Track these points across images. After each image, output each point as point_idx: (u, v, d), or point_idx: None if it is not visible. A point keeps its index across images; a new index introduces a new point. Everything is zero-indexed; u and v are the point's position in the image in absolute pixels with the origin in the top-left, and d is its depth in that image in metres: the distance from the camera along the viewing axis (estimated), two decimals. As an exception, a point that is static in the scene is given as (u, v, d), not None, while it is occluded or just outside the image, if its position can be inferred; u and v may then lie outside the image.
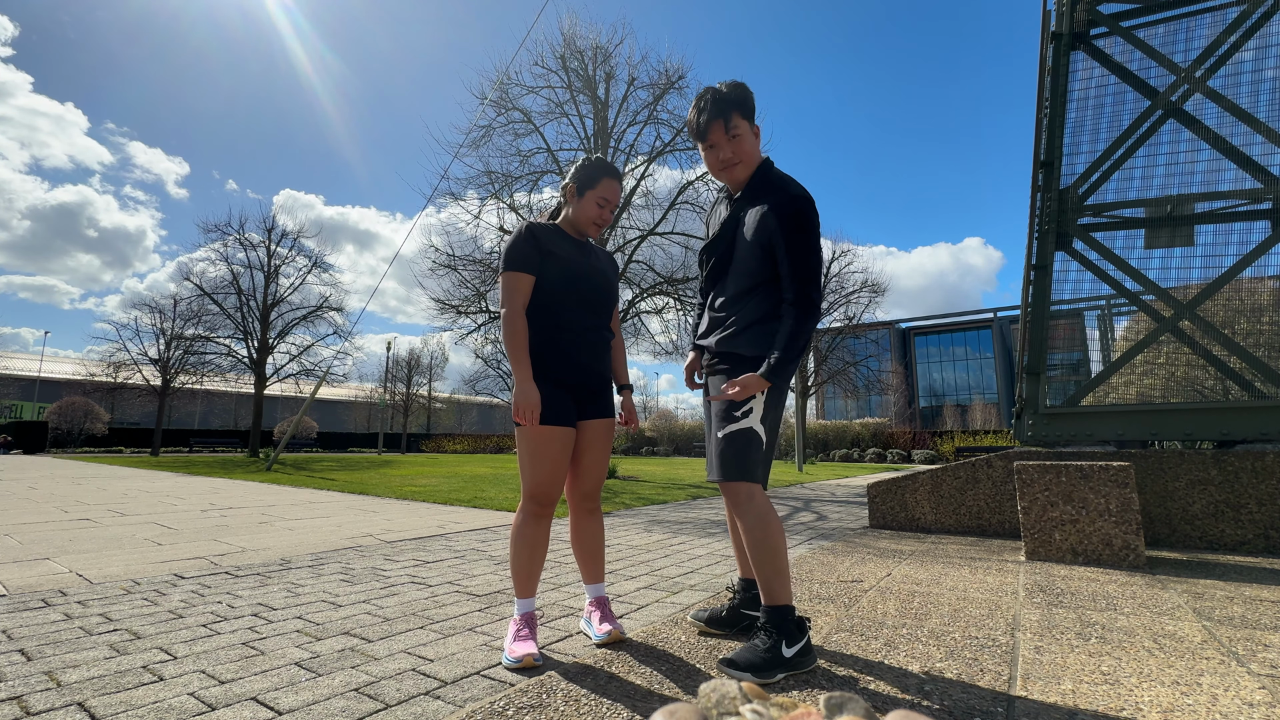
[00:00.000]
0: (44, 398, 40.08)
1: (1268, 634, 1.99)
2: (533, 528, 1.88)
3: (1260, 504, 3.55)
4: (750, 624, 1.99)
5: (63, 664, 1.75)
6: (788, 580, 1.72)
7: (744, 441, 1.77)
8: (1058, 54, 4.64)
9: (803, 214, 1.77)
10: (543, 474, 1.87)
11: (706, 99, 1.85)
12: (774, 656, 1.63)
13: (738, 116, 1.83)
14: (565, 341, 1.93)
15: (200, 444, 31.35)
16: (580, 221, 2.01)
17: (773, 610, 1.69)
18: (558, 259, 1.93)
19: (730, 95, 1.84)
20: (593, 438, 2.00)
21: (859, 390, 27.41)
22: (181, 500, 6.48)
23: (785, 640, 1.64)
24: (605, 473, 2.07)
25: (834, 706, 0.31)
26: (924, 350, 52.32)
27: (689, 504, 6.80)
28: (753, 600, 2.00)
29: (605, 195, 1.99)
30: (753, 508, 1.76)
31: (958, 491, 4.32)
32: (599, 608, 2.00)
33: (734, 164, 1.88)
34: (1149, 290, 4.34)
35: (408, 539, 4.07)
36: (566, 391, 1.93)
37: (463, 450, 37.38)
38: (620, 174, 2.09)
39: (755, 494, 1.78)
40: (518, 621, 1.86)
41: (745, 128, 1.85)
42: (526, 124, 12.14)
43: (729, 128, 1.83)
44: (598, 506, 2.07)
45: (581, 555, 2.07)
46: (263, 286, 23.59)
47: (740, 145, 1.85)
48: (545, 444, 1.86)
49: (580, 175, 2.00)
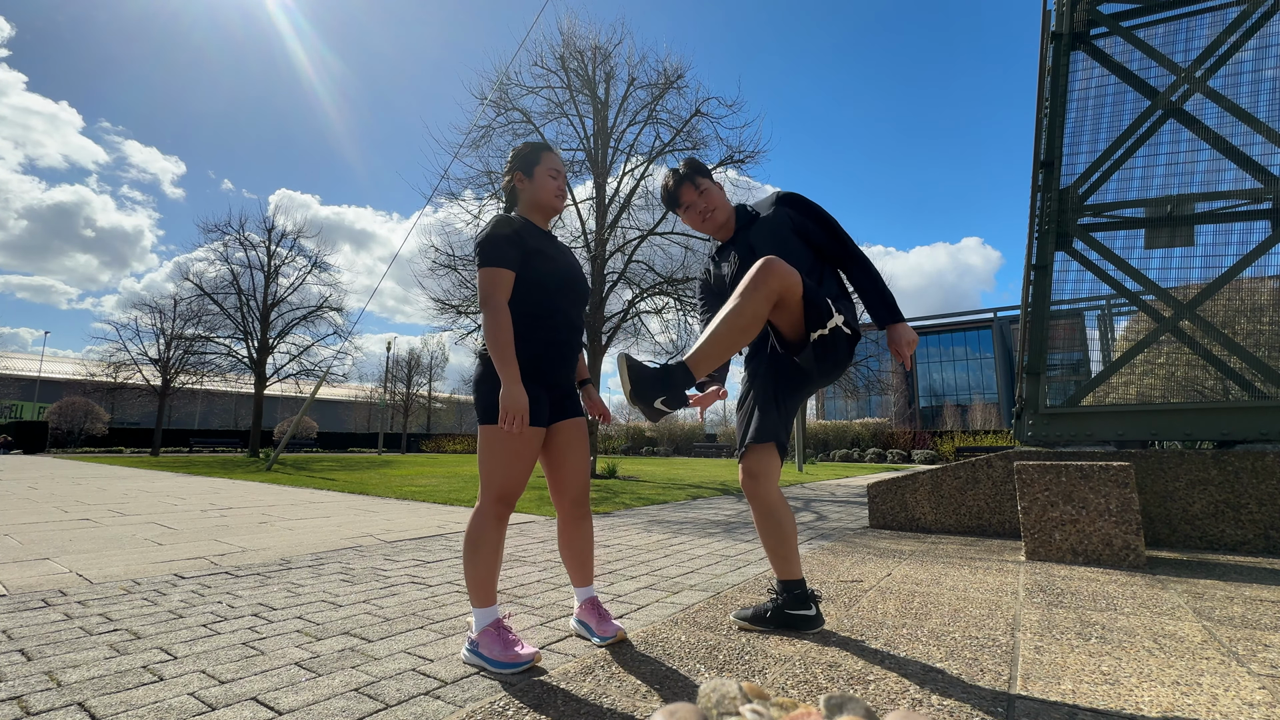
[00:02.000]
0: (44, 398, 40.08)
1: (1268, 634, 1.99)
2: (497, 531, 1.80)
3: (1260, 504, 3.55)
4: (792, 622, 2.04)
5: (63, 664, 1.75)
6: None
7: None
8: (1058, 54, 4.64)
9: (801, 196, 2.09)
10: (516, 475, 1.80)
11: (670, 175, 2.21)
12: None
13: (700, 177, 2.17)
14: (556, 341, 1.89)
15: (200, 444, 31.35)
16: (543, 200, 1.97)
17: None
18: (543, 256, 1.89)
19: (688, 165, 2.19)
20: (570, 439, 1.95)
21: (859, 390, 27.37)
22: (181, 500, 6.48)
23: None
24: (589, 472, 2.01)
25: (834, 706, 0.31)
26: (924, 350, 52.26)
27: (689, 504, 6.80)
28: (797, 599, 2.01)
29: (554, 167, 1.99)
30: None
31: (958, 491, 4.32)
32: (595, 609, 1.97)
33: (712, 210, 2.17)
34: (1149, 290, 4.34)
35: (408, 539, 4.07)
36: (545, 392, 1.89)
37: (463, 450, 37.37)
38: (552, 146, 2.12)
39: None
40: (493, 631, 1.74)
41: (709, 184, 2.17)
42: (526, 124, 12.14)
43: (696, 186, 2.16)
44: (589, 510, 2.02)
45: (573, 560, 2.01)
46: (263, 286, 23.61)
47: (710, 196, 2.17)
48: (523, 444, 1.80)
49: (520, 162, 1.99)
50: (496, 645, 1.72)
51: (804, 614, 1.98)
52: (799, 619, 1.98)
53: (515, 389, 1.72)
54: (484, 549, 1.78)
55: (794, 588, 2.00)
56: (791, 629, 1.99)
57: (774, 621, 2.00)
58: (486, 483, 1.81)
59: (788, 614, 1.98)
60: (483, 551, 1.78)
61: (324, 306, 24.30)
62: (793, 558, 2.01)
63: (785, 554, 2.00)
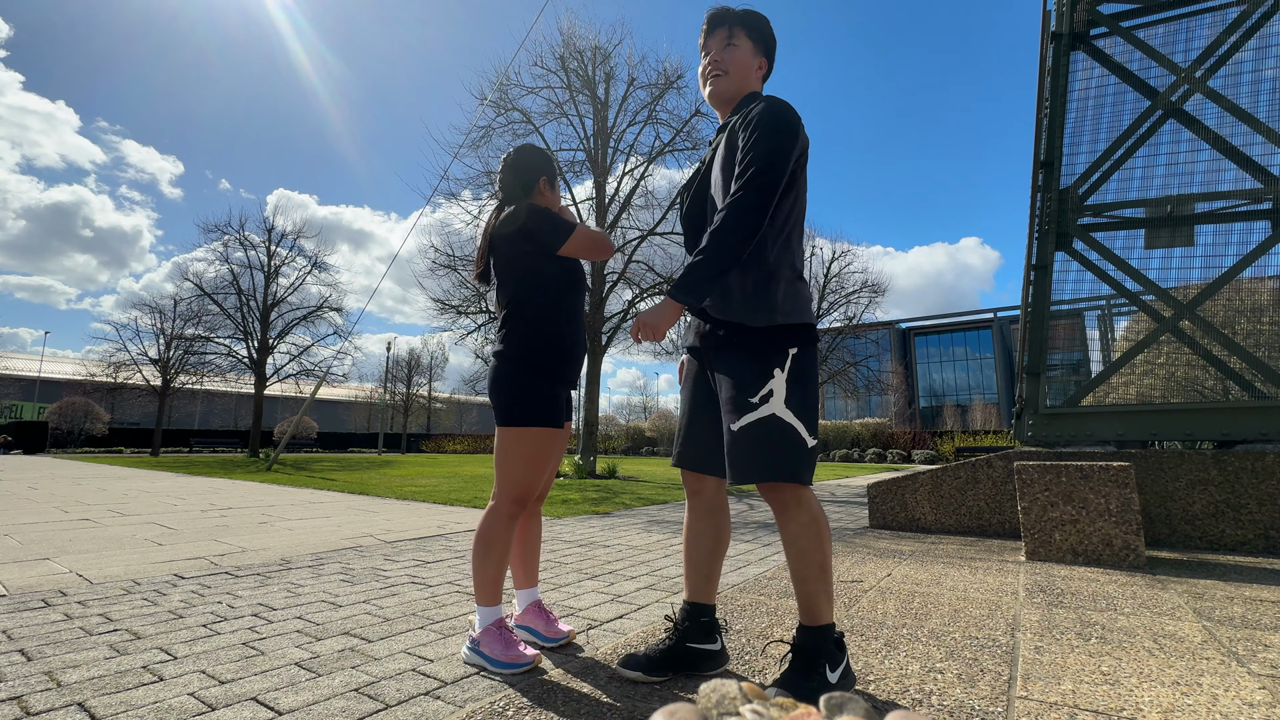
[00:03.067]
0: (44, 398, 40.08)
1: (1268, 634, 1.99)
2: (510, 531, 1.80)
3: (1260, 504, 3.55)
4: (694, 659, 1.64)
5: (63, 664, 1.75)
6: (832, 597, 1.51)
7: (765, 433, 1.48)
8: (1058, 54, 4.64)
9: (773, 109, 1.52)
10: (537, 476, 1.81)
11: (715, 10, 1.74)
12: (820, 685, 1.43)
13: (740, 30, 1.70)
14: (578, 341, 1.91)
15: (200, 444, 31.35)
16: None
17: (814, 631, 1.48)
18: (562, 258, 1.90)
19: (739, 11, 1.72)
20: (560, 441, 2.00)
21: (859, 390, 27.44)
22: (181, 500, 6.48)
23: (830, 663, 1.46)
24: (554, 476, 2.04)
25: (834, 707, 0.31)
26: (924, 350, 52.32)
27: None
28: (698, 629, 1.65)
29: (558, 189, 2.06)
30: (801, 512, 1.50)
31: (958, 492, 4.32)
32: (541, 612, 1.93)
33: (720, 74, 1.69)
34: (1149, 290, 4.34)
35: (408, 539, 4.07)
36: (566, 390, 1.91)
37: (463, 450, 37.37)
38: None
39: (804, 498, 1.50)
40: (495, 630, 1.73)
41: (746, 43, 1.70)
42: (526, 124, 12.15)
43: (730, 36, 1.70)
44: (540, 508, 2.05)
45: (523, 557, 1.99)
46: (263, 286, 23.62)
47: (733, 55, 1.69)
48: (549, 445, 1.81)
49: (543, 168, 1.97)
50: (498, 645, 1.72)
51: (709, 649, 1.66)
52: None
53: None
54: (496, 548, 1.78)
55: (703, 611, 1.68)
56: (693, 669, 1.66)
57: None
58: (505, 483, 1.79)
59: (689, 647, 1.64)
60: (495, 551, 1.78)
61: (324, 306, 24.31)
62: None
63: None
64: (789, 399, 1.49)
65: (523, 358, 1.81)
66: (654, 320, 1.52)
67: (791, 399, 1.50)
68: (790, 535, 1.50)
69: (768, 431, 1.48)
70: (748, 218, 1.45)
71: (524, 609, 1.95)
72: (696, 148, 12.32)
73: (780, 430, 1.48)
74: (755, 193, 1.44)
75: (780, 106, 1.53)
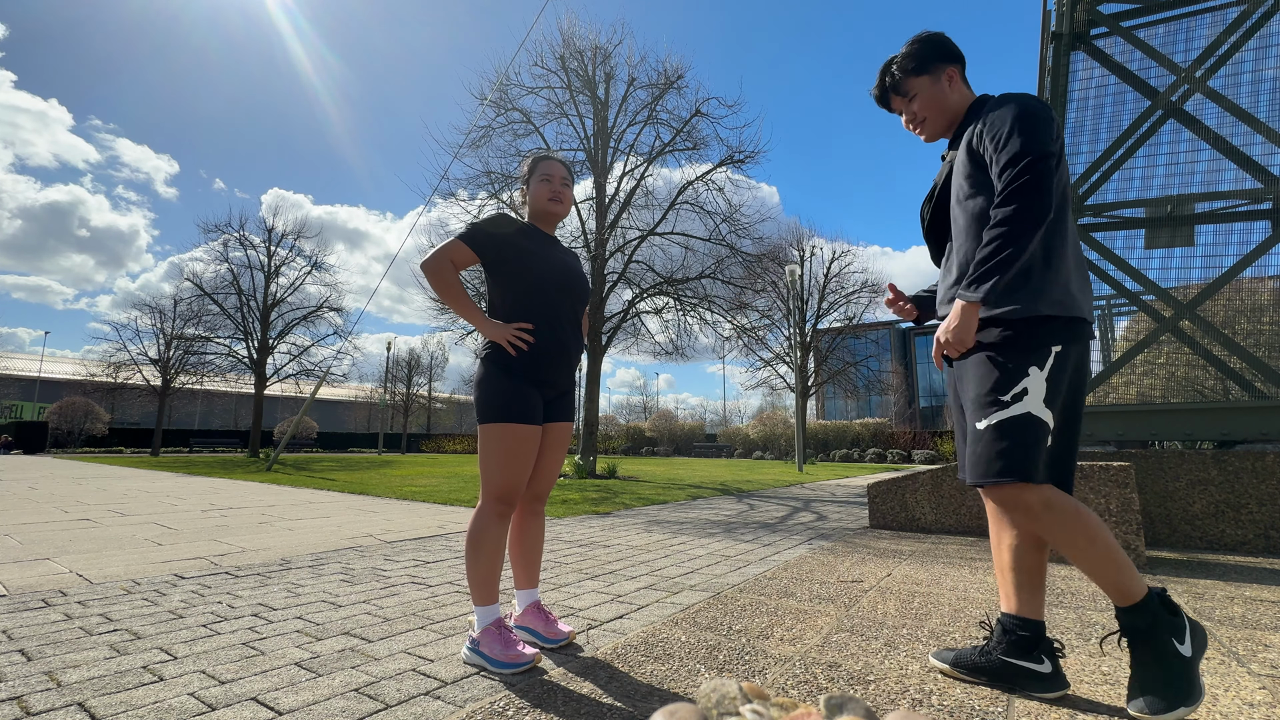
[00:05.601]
0: (44, 398, 40.10)
1: (1268, 634, 1.99)
2: (499, 529, 1.81)
3: (1260, 504, 3.55)
4: (1014, 675, 1.53)
5: (63, 664, 1.75)
6: (1134, 569, 1.39)
7: (1016, 431, 1.41)
8: (1058, 54, 4.64)
9: (1024, 105, 1.47)
10: (513, 473, 1.81)
11: (878, 78, 1.80)
12: (1181, 671, 1.31)
13: (905, 80, 1.73)
14: (541, 339, 1.88)
15: (200, 444, 31.36)
16: (538, 202, 2.00)
17: (1137, 609, 1.37)
18: (538, 257, 1.91)
19: (893, 64, 1.75)
20: (554, 440, 1.98)
21: (859, 390, 27.44)
22: (181, 500, 6.48)
23: (1174, 637, 1.33)
24: (558, 475, 2.05)
25: (834, 707, 0.31)
26: (924, 350, 52.29)
27: (689, 504, 6.80)
28: (1019, 645, 1.53)
29: (545, 173, 2.00)
30: (1053, 515, 1.41)
31: (958, 491, 4.32)
32: (540, 613, 1.93)
33: (919, 120, 1.75)
34: (1149, 290, 4.34)
35: (408, 539, 4.07)
36: (541, 392, 1.90)
37: (463, 450, 37.37)
38: (555, 156, 2.08)
39: (1051, 498, 1.42)
40: (495, 630, 1.74)
41: (919, 82, 1.71)
42: (526, 124, 12.15)
43: (904, 93, 1.75)
44: (543, 509, 2.04)
45: (523, 558, 1.99)
46: (263, 287, 23.62)
47: (918, 104, 1.73)
48: (519, 443, 1.81)
49: (524, 174, 2.06)
50: (497, 644, 1.72)
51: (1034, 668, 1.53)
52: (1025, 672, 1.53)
53: (487, 323, 1.85)
54: (485, 547, 1.79)
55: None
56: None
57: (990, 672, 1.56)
58: (485, 482, 1.83)
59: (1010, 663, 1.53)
60: (484, 550, 1.79)
61: (324, 306, 24.32)
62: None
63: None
64: (1048, 397, 1.43)
65: (491, 357, 1.87)
66: (958, 335, 1.48)
67: (1053, 400, 1.43)
68: (1063, 535, 1.41)
69: (1020, 430, 1.41)
70: (1025, 207, 1.37)
71: (524, 609, 1.95)
72: (697, 148, 12.33)
73: (1036, 430, 1.42)
74: (1025, 187, 1.37)
75: (1023, 98, 1.50)
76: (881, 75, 1.80)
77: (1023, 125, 1.44)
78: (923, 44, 1.72)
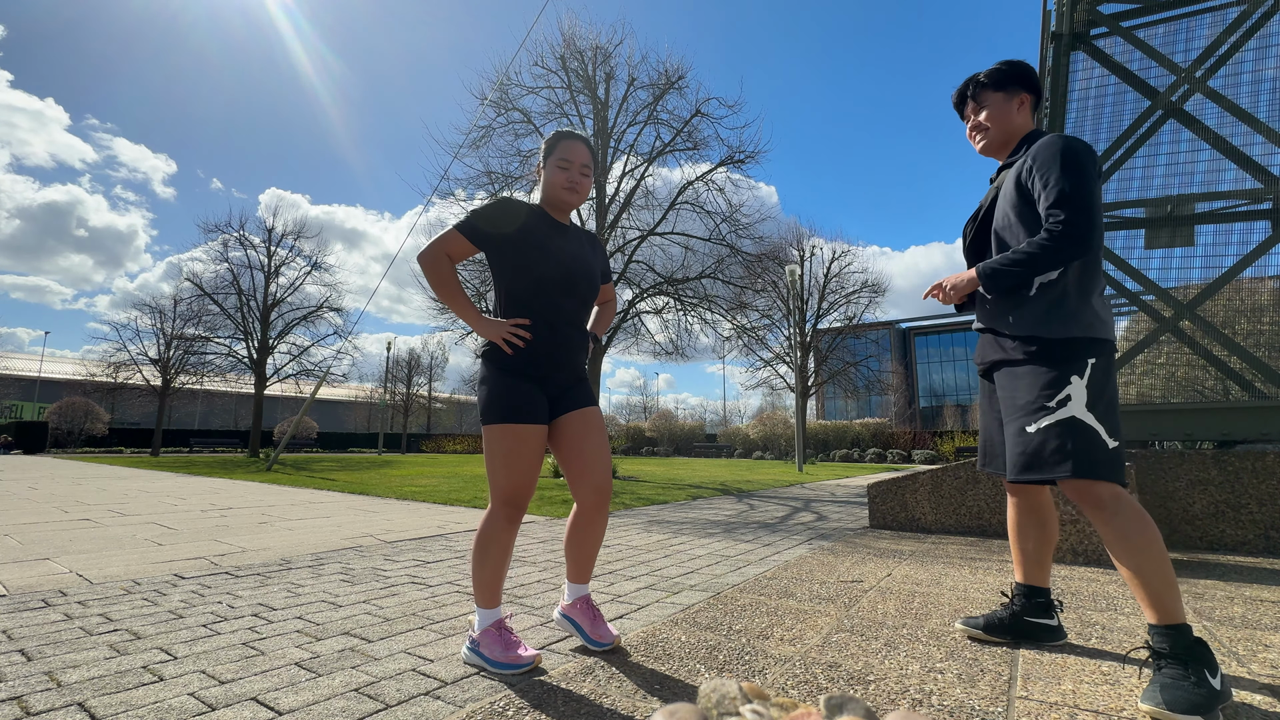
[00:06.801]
0: (44, 398, 40.09)
1: (1268, 634, 1.99)
2: (507, 534, 1.75)
3: (1260, 504, 3.55)
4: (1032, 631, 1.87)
5: (63, 664, 1.75)
6: (1179, 593, 1.48)
7: (1067, 434, 1.58)
8: (1058, 54, 4.64)
9: (1070, 148, 1.63)
10: (517, 475, 1.74)
11: (957, 90, 2.00)
12: (1210, 692, 1.36)
13: (984, 90, 1.91)
14: (539, 336, 1.82)
15: (200, 444, 31.35)
16: (551, 191, 1.89)
17: (1175, 631, 1.45)
18: (542, 250, 1.82)
19: (977, 76, 1.94)
20: (582, 427, 1.86)
21: (859, 390, 27.43)
22: (182, 500, 6.48)
23: (1207, 669, 1.39)
24: (610, 460, 1.90)
25: (834, 707, 0.31)
26: (924, 350, 52.35)
27: (689, 504, 6.80)
28: (1038, 608, 1.89)
29: (563, 156, 1.87)
30: (1122, 512, 1.53)
31: (958, 492, 4.32)
32: (590, 609, 1.88)
33: (982, 129, 1.92)
34: (1149, 290, 4.34)
35: (408, 539, 4.07)
36: (538, 386, 1.82)
37: (463, 450, 37.37)
38: (582, 137, 1.93)
39: (1120, 494, 1.55)
40: (495, 631, 1.73)
41: (993, 96, 1.90)
42: (526, 124, 12.15)
43: (979, 101, 1.93)
44: (607, 504, 1.89)
45: (579, 555, 1.90)
46: (263, 286, 23.62)
47: (989, 113, 1.90)
48: (520, 443, 1.75)
49: (542, 151, 1.95)
50: (497, 646, 1.71)
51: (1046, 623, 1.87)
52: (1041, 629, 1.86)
53: (482, 321, 1.79)
54: (492, 551, 1.75)
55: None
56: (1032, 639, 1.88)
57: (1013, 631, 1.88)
58: (491, 484, 1.77)
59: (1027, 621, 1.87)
60: (490, 554, 1.75)
61: (324, 306, 24.32)
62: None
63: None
64: (1091, 403, 1.60)
65: (489, 355, 1.83)
66: (957, 289, 1.78)
67: (1094, 404, 1.60)
68: (1117, 533, 1.53)
69: (1068, 432, 1.59)
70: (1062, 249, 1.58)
71: (573, 600, 1.90)
72: (697, 148, 12.33)
73: (1082, 431, 1.58)
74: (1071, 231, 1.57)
75: (1079, 144, 1.66)
76: (966, 82, 1.98)
77: (1067, 166, 1.62)
78: (1011, 65, 1.91)
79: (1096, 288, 1.69)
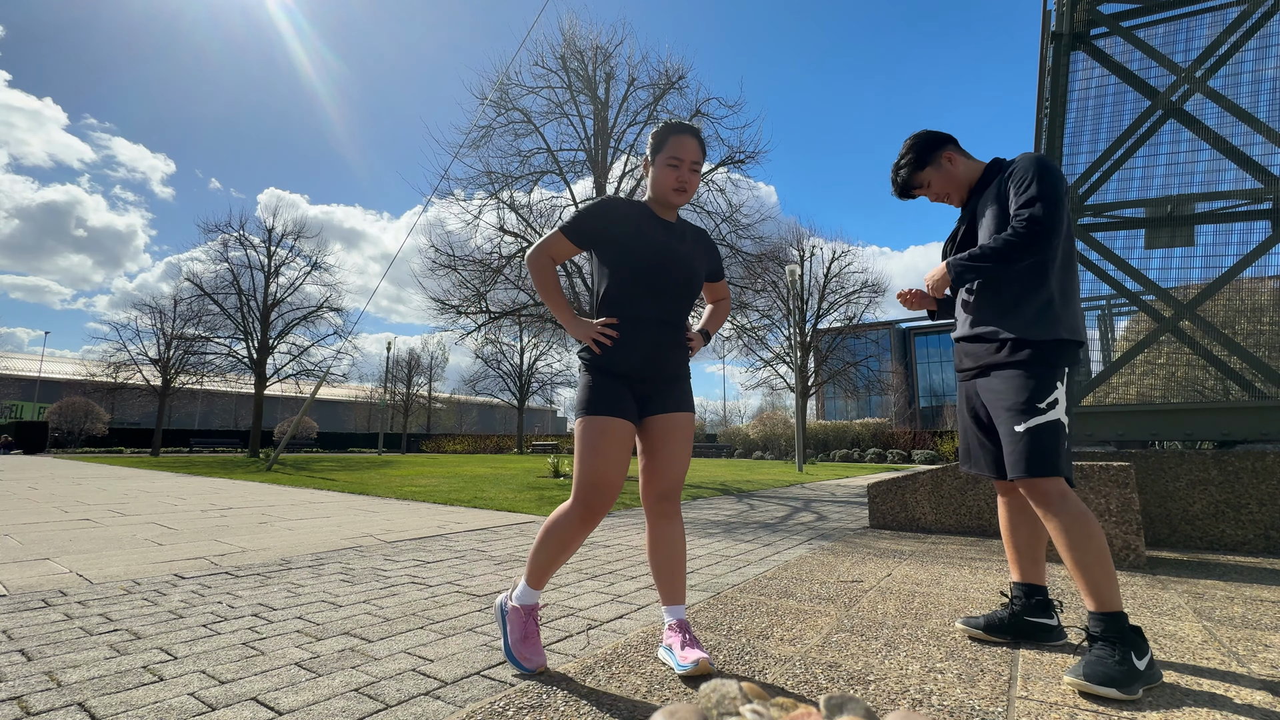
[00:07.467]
0: (44, 398, 40.11)
1: (1268, 634, 1.99)
2: (572, 532, 1.71)
3: (1260, 504, 3.55)
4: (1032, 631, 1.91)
5: (63, 664, 1.75)
6: (1117, 584, 1.62)
7: (1051, 434, 1.69)
8: (1058, 54, 4.64)
9: (1045, 163, 1.77)
10: (593, 467, 1.69)
11: (893, 175, 2.10)
12: (1130, 669, 1.49)
13: (919, 175, 2.04)
14: (627, 332, 1.78)
15: (200, 444, 31.37)
16: (659, 191, 1.85)
17: (1109, 618, 1.58)
18: (631, 250, 1.79)
19: (902, 160, 2.07)
20: (667, 432, 1.81)
21: (859, 390, 27.45)
22: (182, 500, 6.48)
23: (1134, 651, 1.52)
24: (684, 471, 1.85)
25: (834, 707, 0.31)
26: (924, 350, 52.36)
27: (689, 504, 6.80)
28: (1036, 607, 1.92)
29: (673, 154, 1.81)
30: (1068, 505, 1.66)
31: (958, 492, 4.32)
32: (681, 632, 1.72)
33: (942, 196, 2.06)
34: (1149, 290, 4.34)
35: (408, 539, 4.07)
36: (624, 384, 1.79)
37: (463, 450, 37.38)
38: (692, 129, 1.85)
39: (1068, 491, 1.68)
40: (524, 615, 1.72)
41: (930, 174, 2.03)
42: (526, 124, 12.16)
43: (920, 185, 2.06)
44: (677, 510, 1.83)
45: (661, 569, 1.79)
46: (263, 286, 23.63)
47: (938, 185, 2.04)
48: (600, 435, 1.71)
49: (651, 144, 1.87)
50: (518, 631, 1.72)
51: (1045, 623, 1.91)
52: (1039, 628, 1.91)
53: (575, 322, 1.81)
54: (554, 538, 1.73)
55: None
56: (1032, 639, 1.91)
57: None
58: (574, 478, 1.75)
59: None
60: (552, 540, 1.73)
61: (323, 306, 24.34)
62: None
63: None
64: (1068, 406, 1.73)
65: (581, 354, 1.85)
66: (931, 276, 1.92)
67: (1069, 406, 1.73)
68: (1064, 525, 1.65)
69: (1053, 434, 1.69)
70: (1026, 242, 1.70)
71: (668, 626, 1.78)
72: (696, 147, 12.30)
73: (1063, 432, 1.71)
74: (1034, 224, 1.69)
75: (1047, 160, 1.80)
76: (893, 179, 2.10)
77: (1041, 175, 1.75)
78: (913, 145, 2.05)
79: (1076, 293, 1.83)
